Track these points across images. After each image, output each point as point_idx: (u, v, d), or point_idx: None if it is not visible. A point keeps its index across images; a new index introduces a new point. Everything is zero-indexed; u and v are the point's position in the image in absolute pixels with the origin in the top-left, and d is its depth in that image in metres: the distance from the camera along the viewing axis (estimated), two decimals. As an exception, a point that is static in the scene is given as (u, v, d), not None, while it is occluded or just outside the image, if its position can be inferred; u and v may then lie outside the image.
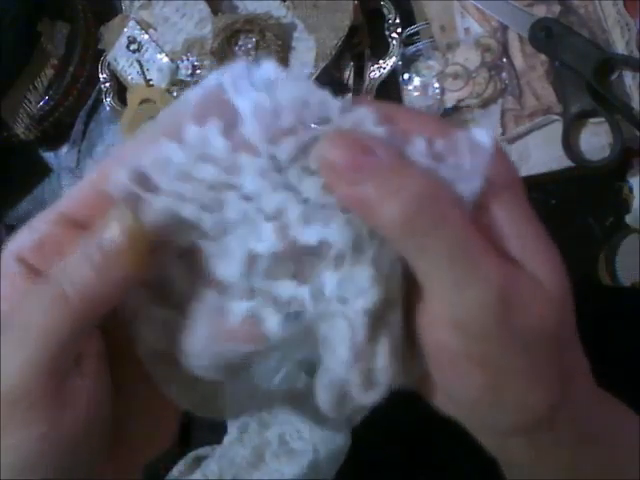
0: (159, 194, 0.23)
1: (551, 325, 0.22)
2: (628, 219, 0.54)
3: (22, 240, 0.23)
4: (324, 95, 0.23)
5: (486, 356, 0.21)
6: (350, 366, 0.23)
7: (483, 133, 0.22)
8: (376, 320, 0.22)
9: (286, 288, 0.22)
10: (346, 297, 0.22)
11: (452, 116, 0.57)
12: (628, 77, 0.54)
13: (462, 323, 0.21)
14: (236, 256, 0.22)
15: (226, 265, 0.23)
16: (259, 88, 0.23)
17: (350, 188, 0.21)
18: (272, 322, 0.22)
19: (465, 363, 0.22)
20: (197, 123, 0.23)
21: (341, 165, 0.21)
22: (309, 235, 0.22)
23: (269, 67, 0.23)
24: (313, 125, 0.23)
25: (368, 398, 0.23)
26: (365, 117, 0.23)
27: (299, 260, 0.22)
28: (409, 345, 0.23)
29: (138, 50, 0.63)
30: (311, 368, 0.25)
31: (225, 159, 0.22)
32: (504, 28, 0.57)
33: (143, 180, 0.22)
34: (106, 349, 0.25)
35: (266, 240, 0.22)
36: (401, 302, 0.23)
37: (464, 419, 0.25)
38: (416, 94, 0.58)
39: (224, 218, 0.23)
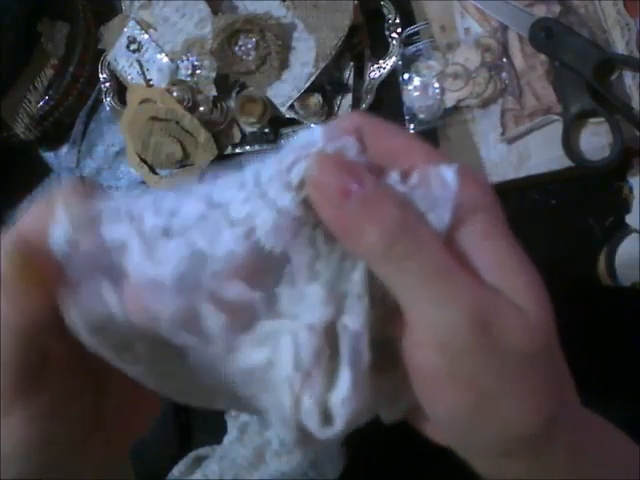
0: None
1: (531, 347, 0.22)
2: (628, 219, 0.54)
3: None
4: (313, 130, 0.24)
5: (468, 376, 0.22)
6: (297, 391, 0.22)
7: (449, 170, 0.23)
8: (332, 345, 0.22)
9: (235, 289, 0.22)
10: (297, 314, 0.23)
11: (452, 116, 0.57)
12: (628, 77, 0.54)
13: (443, 342, 0.22)
14: (178, 254, 0.22)
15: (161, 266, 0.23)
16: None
17: (335, 211, 0.22)
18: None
19: (449, 384, 0.22)
20: None
21: (330, 188, 0.22)
22: (273, 242, 0.22)
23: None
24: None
25: (324, 434, 0.23)
26: (349, 146, 0.23)
27: (260, 270, 0.23)
28: (398, 377, 0.24)
29: (138, 50, 0.63)
30: None
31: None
32: (504, 28, 0.57)
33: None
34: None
35: (224, 244, 0.22)
36: (369, 331, 0.23)
37: (454, 444, 0.25)
38: (416, 94, 0.58)
39: (171, 222, 0.23)
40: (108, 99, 0.65)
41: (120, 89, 0.65)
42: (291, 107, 0.59)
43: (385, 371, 0.24)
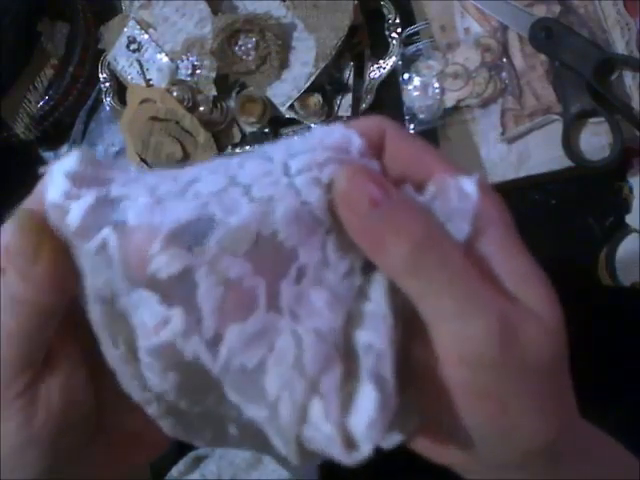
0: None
1: (550, 356, 0.22)
2: (628, 219, 0.54)
3: None
4: (349, 131, 0.24)
5: (492, 387, 0.22)
6: (299, 400, 0.21)
7: (470, 183, 0.23)
8: (347, 363, 0.21)
9: (239, 268, 0.21)
10: (298, 314, 0.22)
11: (452, 116, 0.57)
12: (628, 77, 0.54)
13: (467, 355, 0.22)
14: (185, 212, 0.21)
15: (162, 216, 0.22)
16: None
17: (362, 222, 0.22)
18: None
19: (472, 396, 0.22)
20: None
21: (358, 198, 0.22)
22: (287, 233, 0.22)
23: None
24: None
25: (350, 459, 0.21)
26: (371, 163, 0.23)
27: (267, 257, 0.22)
28: (405, 397, 0.23)
29: (138, 50, 0.63)
30: None
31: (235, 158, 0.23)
32: (504, 28, 0.57)
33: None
34: (88, 352, 0.25)
35: (239, 215, 0.21)
36: (394, 350, 0.22)
37: (462, 460, 0.25)
38: (416, 94, 0.58)
39: (187, 190, 0.22)
40: (108, 99, 0.65)
41: (120, 89, 0.65)
42: (291, 107, 0.59)
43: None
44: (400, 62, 0.59)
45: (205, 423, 0.25)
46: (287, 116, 0.60)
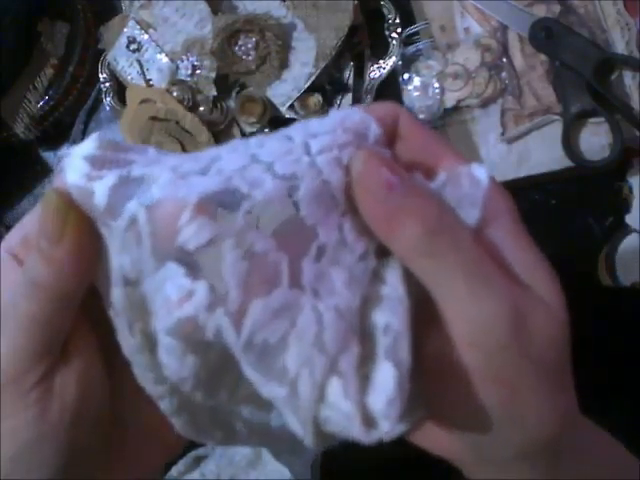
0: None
1: (558, 344, 0.23)
2: (628, 219, 0.54)
3: (13, 235, 0.25)
4: (368, 117, 0.24)
5: (503, 372, 0.22)
6: (319, 378, 0.21)
7: (481, 169, 0.24)
8: (364, 344, 0.21)
9: (265, 242, 0.21)
10: (319, 291, 0.22)
11: (452, 116, 0.57)
12: (628, 77, 0.54)
13: (480, 338, 0.22)
14: (209, 184, 0.21)
15: (187, 189, 0.21)
16: None
17: (376, 205, 0.22)
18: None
19: (483, 380, 0.22)
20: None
21: (374, 181, 0.22)
22: (308, 211, 0.22)
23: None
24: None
25: (370, 437, 0.21)
26: (384, 151, 0.24)
27: (290, 234, 0.22)
28: (413, 387, 0.22)
29: (138, 50, 0.63)
30: None
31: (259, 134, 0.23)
32: (504, 28, 0.57)
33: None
34: (105, 348, 0.25)
35: (265, 189, 0.21)
36: (411, 332, 0.22)
37: (465, 452, 0.25)
38: (416, 94, 0.58)
39: (210, 168, 0.22)
40: (108, 99, 0.65)
41: (120, 89, 0.65)
42: (291, 107, 0.59)
43: None
44: (400, 62, 0.59)
45: (215, 421, 0.25)
46: (287, 116, 0.60)
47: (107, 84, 0.65)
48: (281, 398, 0.22)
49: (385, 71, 0.60)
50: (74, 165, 0.22)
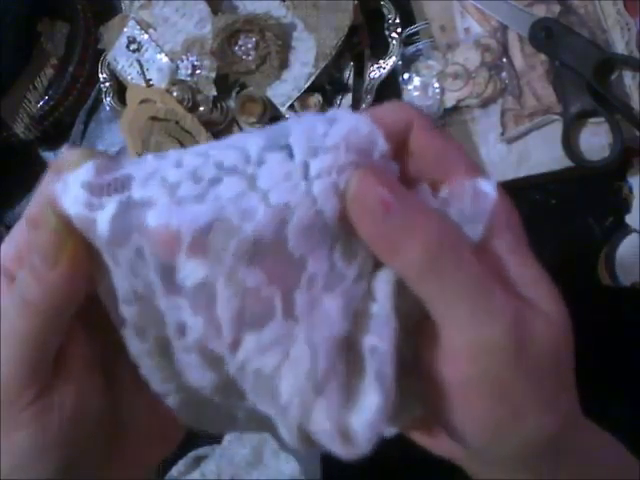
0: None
1: (559, 351, 0.23)
2: (628, 219, 0.54)
3: (5, 250, 0.25)
4: (375, 131, 0.23)
5: (502, 387, 0.22)
6: (308, 404, 0.22)
7: (489, 184, 0.23)
8: (352, 363, 0.22)
9: (256, 277, 0.22)
10: (314, 322, 0.22)
11: (452, 116, 0.57)
12: (628, 77, 0.54)
13: (480, 356, 0.22)
14: (202, 215, 0.22)
15: (181, 218, 0.22)
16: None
17: (374, 226, 0.22)
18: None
19: (481, 395, 0.22)
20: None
21: (371, 202, 0.22)
22: (298, 243, 0.22)
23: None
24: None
25: (348, 454, 0.22)
26: (393, 169, 0.23)
27: (280, 266, 0.22)
28: (408, 386, 0.23)
29: (138, 50, 0.63)
30: None
31: (255, 153, 0.23)
32: (504, 28, 0.57)
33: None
34: (103, 352, 0.25)
35: (256, 221, 0.22)
36: (397, 353, 0.22)
37: (466, 456, 0.25)
38: (416, 94, 0.58)
39: (207, 192, 0.22)
40: (108, 99, 0.65)
41: (120, 89, 0.65)
42: (291, 107, 0.59)
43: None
44: (400, 62, 0.59)
45: (219, 413, 0.26)
46: (287, 116, 0.60)
47: (107, 84, 0.65)
48: (272, 414, 0.23)
49: (385, 71, 0.60)
50: (72, 193, 0.22)
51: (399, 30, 0.59)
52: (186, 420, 0.25)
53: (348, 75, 0.60)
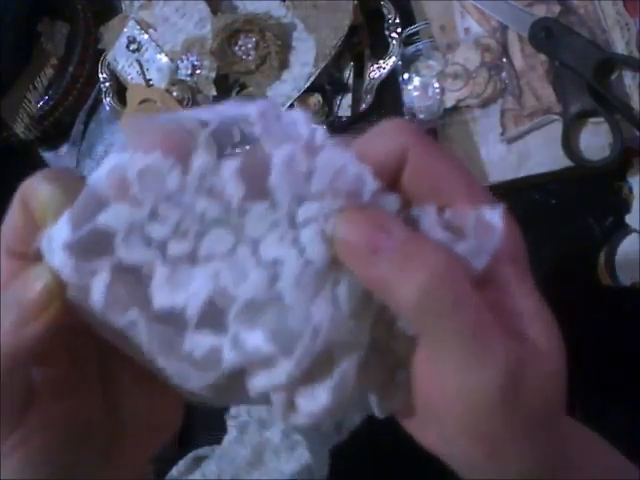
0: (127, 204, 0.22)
1: (551, 397, 0.22)
2: (628, 219, 0.54)
3: None
4: (363, 171, 0.22)
5: (489, 430, 0.22)
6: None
7: (495, 214, 0.22)
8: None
9: (254, 337, 0.22)
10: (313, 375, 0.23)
11: (452, 116, 0.57)
12: (628, 77, 0.54)
13: (468, 401, 0.22)
14: (202, 289, 0.22)
15: (185, 295, 0.22)
16: (293, 138, 0.22)
17: (366, 269, 0.21)
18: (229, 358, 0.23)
19: (467, 433, 0.22)
20: (208, 151, 0.22)
21: (357, 246, 0.21)
22: (293, 298, 0.22)
23: (301, 118, 0.23)
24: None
25: (285, 419, 0.24)
26: (390, 202, 0.23)
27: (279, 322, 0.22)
28: (390, 378, 0.24)
29: (138, 50, 0.63)
30: None
31: (235, 204, 0.22)
32: (504, 28, 0.57)
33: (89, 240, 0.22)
34: (99, 355, 0.25)
35: (252, 285, 0.22)
36: (356, 375, 0.23)
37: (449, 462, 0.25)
38: (416, 94, 0.58)
39: (198, 248, 0.22)
40: (108, 99, 0.65)
41: (120, 89, 0.65)
42: (291, 107, 0.59)
43: (382, 363, 0.24)
44: (400, 62, 0.59)
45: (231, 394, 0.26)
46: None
47: (107, 84, 0.65)
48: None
49: (385, 71, 0.60)
50: (58, 257, 0.21)
51: (399, 30, 0.59)
52: (197, 396, 0.25)
53: (348, 75, 0.60)
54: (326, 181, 0.22)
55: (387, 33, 0.60)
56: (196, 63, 0.61)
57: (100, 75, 0.65)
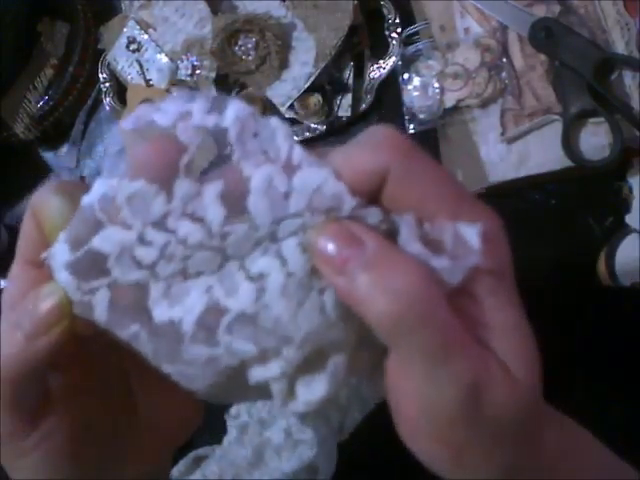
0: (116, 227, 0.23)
1: (515, 413, 0.22)
2: (628, 219, 0.54)
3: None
4: (341, 190, 0.22)
5: (453, 439, 0.23)
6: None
7: (472, 230, 0.22)
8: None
9: (245, 347, 0.23)
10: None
11: (452, 116, 0.57)
12: (628, 77, 0.54)
13: (430, 412, 0.22)
14: (197, 304, 0.23)
15: (182, 309, 0.23)
16: (270, 155, 0.23)
17: (339, 279, 0.22)
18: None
19: (430, 439, 0.23)
20: (188, 177, 0.22)
21: (329, 258, 0.22)
22: (282, 310, 0.23)
23: (279, 129, 0.23)
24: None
25: (285, 406, 0.25)
26: (371, 215, 0.23)
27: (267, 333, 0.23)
28: (379, 364, 0.24)
29: (138, 50, 0.63)
30: None
31: (218, 227, 0.23)
32: (504, 28, 0.57)
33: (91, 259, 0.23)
34: (118, 355, 0.26)
35: (239, 299, 0.23)
36: (351, 345, 0.24)
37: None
38: (416, 94, 0.58)
39: (188, 267, 0.23)
40: (108, 99, 0.65)
41: (120, 89, 0.65)
42: (291, 107, 0.59)
43: (369, 346, 0.25)
44: (400, 62, 0.59)
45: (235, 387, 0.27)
46: (287, 116, 0.60)
47: (107, 84, 0.65)
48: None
49: (385, 71, 0.60)
50: (62, 277, 0.23)
51: (399, 30, 0.59)
52: (204, 395, 0.26)
53: (348, 75, 0.60)
54: (304, 202, 0.22)
55: (387, 33, 0.60)
56: (196, 63, 0.61)
57: (100, 75, 0.65)
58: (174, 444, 0.30)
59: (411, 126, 0.58)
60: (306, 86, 0.58)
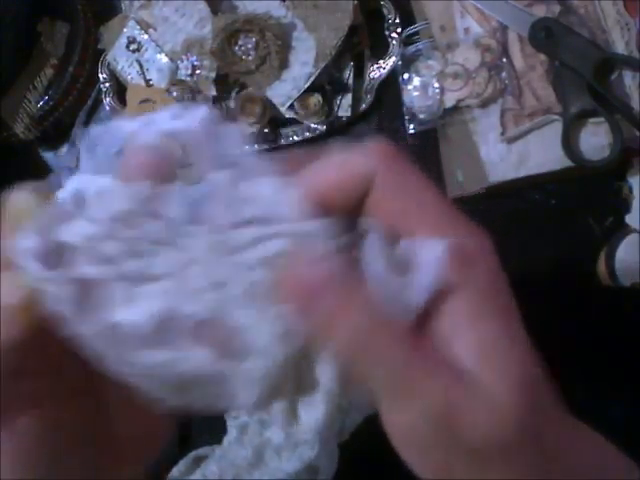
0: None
1: (500, 440, 0.21)
2: (628, 219, 0.54)
3: None
4: (293, 200, 0.23)
5: (429, 459, 0.22)
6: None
7: (437, 244, 0.22)
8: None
9: (202, 353, 0.23)
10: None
11: (452, 116, 0.57)
12: (628, 77, 0.54)
13: (407, 441, 0.22)
14: (154, 307, 0.23)
15: (139, 311, 0.23)
16: (229, 161, 0.23)
17: (301, 311, 0.22)
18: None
19: (417, 460, 0.23)
20: (152, 177, 0.23)
21: (293, 287, 0.22)
22: (242, 318, 0.23)
23: (237, 136, 0.24)
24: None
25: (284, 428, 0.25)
26: (322, 230, 0.23)
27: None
28: None
29: (138, 50, 0.63)
30: None
31: (179, 226, 0.23)
32: (504, 28, 0.57)
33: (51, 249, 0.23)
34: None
35: (200, 305, 0.23)
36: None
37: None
38: (416, 94, 0.58)
39: (150, 267, 0.23)
40: (108, 99, 0.65)
41: (120, 89, 0.65)
42: (291, 107, 0.59)
43: None
44: (400, 62, 0.59)
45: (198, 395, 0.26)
46: (287, 116, 0.60)
47: (107, 84, 0.65)
48: None
49: (385, 71, 0.60)
50: (27, 267, 0.23)
51: (399, 30, 0.59)
52: (163, 402, 0.26)
53: (348, 75, 0.60)
54: (259, 209, 0.23)
55: (387, 33, 0.60)
56: (196, 63, 0.61)
57: (100, 75, 0.65)
58: (146, 457, 0.29)
59: (411, 126, 0.58)
60: (306, 86, 0.58)
